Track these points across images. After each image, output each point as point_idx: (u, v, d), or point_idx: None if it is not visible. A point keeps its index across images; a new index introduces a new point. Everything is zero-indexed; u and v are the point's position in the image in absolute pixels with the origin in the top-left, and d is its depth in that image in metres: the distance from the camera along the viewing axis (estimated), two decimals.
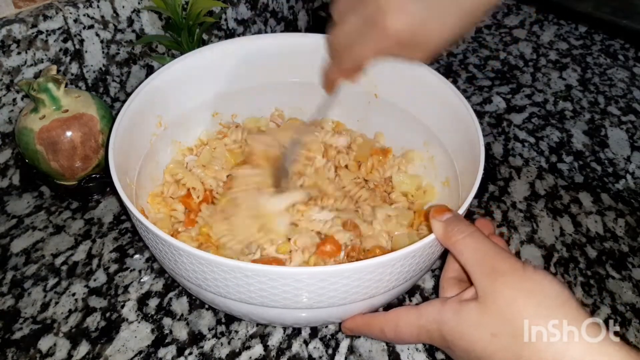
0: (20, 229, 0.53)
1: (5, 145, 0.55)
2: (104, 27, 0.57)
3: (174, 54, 0.63)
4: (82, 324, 0.45)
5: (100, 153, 0.52)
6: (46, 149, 0.50)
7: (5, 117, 0.54)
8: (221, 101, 0.56)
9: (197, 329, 0.45)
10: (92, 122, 0.51)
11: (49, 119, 0.50)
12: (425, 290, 0.48)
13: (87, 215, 0.54)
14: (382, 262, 0.34)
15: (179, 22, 0.58)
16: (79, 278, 0.48)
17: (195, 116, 0.54)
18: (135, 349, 0.43)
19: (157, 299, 0.47)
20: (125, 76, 0.62)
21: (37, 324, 0.45)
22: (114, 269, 0.49)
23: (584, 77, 0.75)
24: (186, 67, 0.51)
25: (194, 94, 0.53)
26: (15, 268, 0.49)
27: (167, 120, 0.51)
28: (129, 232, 0.53)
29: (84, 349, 0.43)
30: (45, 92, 0.49)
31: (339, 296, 0.36)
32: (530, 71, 0.76)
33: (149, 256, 0.50)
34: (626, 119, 0.69)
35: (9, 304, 0.46)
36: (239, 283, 0.35)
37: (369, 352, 0.43)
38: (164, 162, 0.52)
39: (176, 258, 0.36)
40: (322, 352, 0.43)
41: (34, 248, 0.51)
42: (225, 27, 0.68)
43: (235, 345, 0.44)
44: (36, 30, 0.52)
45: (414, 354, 0.43)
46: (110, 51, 0.59)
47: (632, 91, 0.73)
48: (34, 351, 0.43)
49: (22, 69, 0.53)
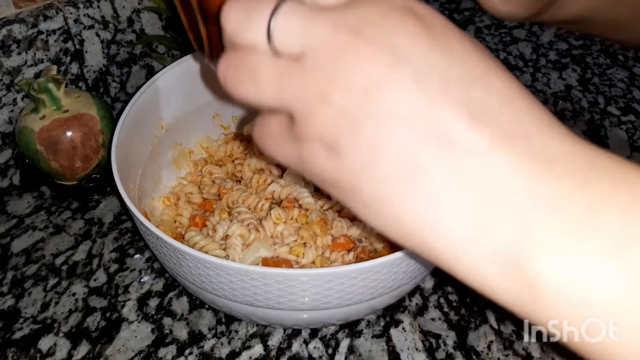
0: (20, 229, 0.53)
1: (6, 145, 0.55)
2: (104, 27, 0.57)
3: (174, 54, 0.63)
4: (83, 324, 0.45)
5: (100, 153, 0.52)
6: (46, 149, 0.50)
7: (6, 117, 0.54)
8: (222, 103, 0.56)
9: (197, 329, 0.45)
10: (93, 122, 0.51)
11: (49, 119, 0.50)
12: (425, 290, 0.48)
13: (88, 215, 0.54)
14: (388, 262, 0.34)
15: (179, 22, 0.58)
16: (79, 278, 0.48)
17: (195, 118, 0.54)
18: (136, 348, 0.43)
19: (157, 299, 0.47)
20: (125, 76, 0.62)
21: (38, 324, 0.45)
22: (114, 269, 0.49)
23: (583, 77, 0.75)
24: (187, 69, 0.51)
25: (194, 96, 0.53)
26: (16, 268, 0.49)
27: (168, 122, 0.51)
28: (129, 232, 0.53)
29: (84, 348, 0.43)
30: (46, 92, 0.49)
31: (344, 297, 0.36)
32: (530, 71, 0.76)
33: (149, 256, 0.50)
34: (626, 119, 0.69)
35: (9, 304, 0.46)
36: (245, 286, 0.35)
37: (368, 352, 0.43)
38: (165, 165, 0.52)
39: (181, 261, 0.36)
40: (322, 352, 0.43)
41: (34, 248, 0.51)
42: None
43: (235, 345, 0.44)
44: (36, 31, 0.52)
45: (413, 353, 0.43)
46: (110, 51, 0.59)
47: (632, 91, 0.73)
48: (34, 351, 0.43)
49: (23, 69, 0.53)
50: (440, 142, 0.19)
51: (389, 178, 0.21)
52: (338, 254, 0.45)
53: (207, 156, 0.55)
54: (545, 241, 0.19)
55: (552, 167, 0.19)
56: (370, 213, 0.22)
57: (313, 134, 0.22)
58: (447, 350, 0.43)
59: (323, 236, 0.45)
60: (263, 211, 0.48)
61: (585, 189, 0.18)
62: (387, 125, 0.20)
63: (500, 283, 0.20)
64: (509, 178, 0.19)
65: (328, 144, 0.21)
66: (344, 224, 0.46)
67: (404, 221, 0.21)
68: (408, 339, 0.44)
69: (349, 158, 0.21)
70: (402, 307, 0.46)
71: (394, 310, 0.46)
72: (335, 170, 0.22)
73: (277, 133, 0.24)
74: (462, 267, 0.21)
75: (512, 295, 0.20)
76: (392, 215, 0.21)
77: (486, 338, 0.44)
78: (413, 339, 0.44)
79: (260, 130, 0.25)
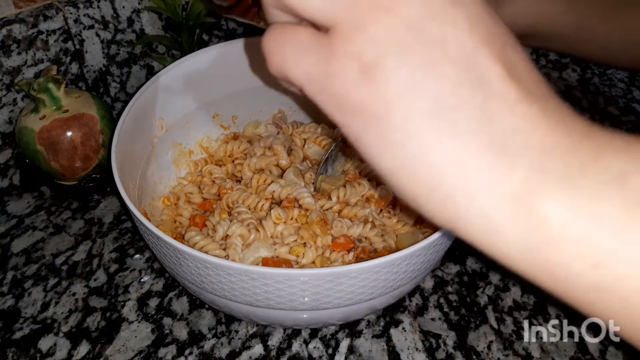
0: (20, 229, 0.53)
1: (6, 145, 0.55)
2: (104, 27, 0.57)
3: (174, 54, 0.63)
4: (83, 324, 0.45)
5: (100, 153, 0.52)
6: (46, 149, 0.50)
7: (6, 117, 0.54)
8: (222, 103, 0.56)
9: (197, 329, 0.45)
10: (93, 122, 0.51)
11: (49, 119, 0.50)
12: (425, 290, 0.48)
13: (87, 215, 0.54)
14: (388, 262, 0.34)
15: (179, 22, 0.58)
16: (79, 278, 0.48)
17: (196, 118, 0.54)
18: (136, 348, 0.43)
19: (157, 299, 0.47)
20: (125, 76, 0.62)
21: (38, 324, 0.45)
22: (114, 269, 0.49)
23: (583, 77, 0.75)
24: (187, 69, 0.51)
25: (194, 96, 0.53)
26: (16, 268, 0.49)
27: (168, 122, 0.51)
28: (129, 232, 0.53)
29: (84, 348, 0.43)
30: (46, 92, 0.49)
31: (344, 297, 0.36)
32: None
33: (149, 256, 0.50)
34: (626, 119, 0.69)
35: (9, 304, 0.46)
36: (245, 286, 0.35)
37: (368, 352, 0.43)
38: (165, 165, 0.52)
39: (181, 261, 0.36)
40: (322, 352, 0.43)
41: (34, 248, 0.51)
42: (225, 27, 0.68)
43: (235, 345, 0.44)
44: (36, 31, 0.52)
45: (413, 353, 0.43)
46: (110, 51, 0.59)
47: (632, 91, 0.73)
48: (34, 351, 0.43)
49: (23, 69, 0.53)
50: (477, 86, 0.21)
51: (421, 110, 0.21)
52: (338, 254, 0.45)
53: (207, 156, 0.55)
54: (554, 181, 0.20)
55: (560, 124, 0.21)
56: (387, 148, 0.22)
57: (353, 50, 0.21)
58: (447, 350, 0.43)
59: (323, 236, 0.45)
60: (263, 211, 0.48)
61: (587, 139, 0.21)
62: (435, 58, 0.20)
63: (510, 226, 0.21)
64: (529, 127, 0.21)
65: (366, 63, 0.21)
66: (344, 224, 0.46)
67: (424, 160, 0.21)
68: (408, 339, 0.44)
69: (385, 82, 0.21)
70: (402, 307, 0.46)
71: (394, 310, 0.46)
72: (364, 94, 0.21)
73: (305, 43, 0.22)
74: (474, 211, 0.21)
75: (522, 238, 0.21)
76: (413, 151, 0.21)
77: (486, 338, 0.44)
78: (413, 339, 0.44)
79: (281, 37, 0.23)
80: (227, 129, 0.57)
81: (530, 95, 0.21)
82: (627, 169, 0.20)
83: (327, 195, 0.49)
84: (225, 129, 0.57)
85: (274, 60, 0.23)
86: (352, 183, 0.49)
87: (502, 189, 0.21)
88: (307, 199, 0.47)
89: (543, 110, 0.21)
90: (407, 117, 0.21)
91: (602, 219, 0.19)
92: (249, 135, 0.57)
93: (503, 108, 0.21)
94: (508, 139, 0.21)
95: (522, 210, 0.20)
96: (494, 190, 0.21)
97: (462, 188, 0.21)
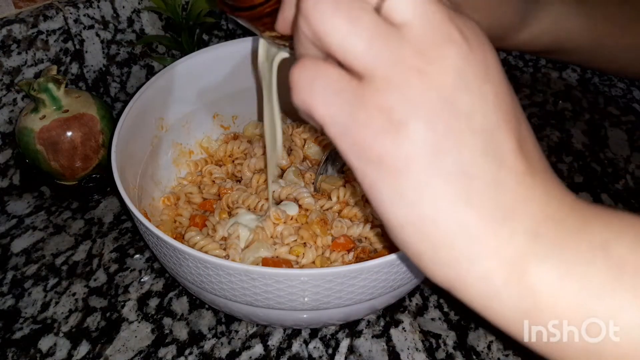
0: (20, 229, 0.53)
1: (6, 145, 0.55)
2: (104, 27, 0.57)
3: (174, 54, 0.63)
4: (83, 324, 0.45)
5: (100, 153, 0.53)
6: (46, 149, 0.50)
7: (6, 117, 0.54)
8: (222, 103, 0.56)
9: (197, 329, 0.45)
10: (93, 122, 0.51)
11: (49, 119, 0.50)
12: (425, 290, 0.48)
13: (87, 215, 0.54)
14: (388, 262, 0.34)
15: (179, 22, 0.58)
16: (79, 278, 0.48)
17: (196, 118, 0.54)
18: (136, 348, 0.43)
19: (157, 299, 0.47)
20: (125, 76, 0.62)
21: (38, 324, 0.45)
22: (114, 269, 0.49)
23: (583, 77, 0.74)
24: (187, 69, 0.51)
25: (194, 96, 0.53)
26: (16, 268, 0.49)
27: (168, 122, 0.51)
28: (129, 232, 0.53)
29: (84, 348, 0.43)
30: (46, 92, 0.50)
31: (344, 297, 0.36)
32: (530, 71, 0.76)
33: (149, 256, 0.50)
34: (626, 119, 0.69)
35: (9, 304, 0.46)
36: (245, 286, 0.35)
37: (368, 352, 0.43)
38: (165, 165, 0.52)
39: (181, 261, 0.36)
40: (322, 352, 0.43)
41: (34, 248, 0.51)
42: (225, 27, 0.68)
43: (235, 345, 0.44)
44: (36, 31, 0.52)
45: (413, 353, 0.43)
46: (110, 51, 0.59)
47: (632, 91, 0.73)
48: (34, 351, 0.43)
49: (23, 69, 0.53)
50: (493, 157, 0.22)
51: (440, 175, 0.21)
52: (338, 254, 0.45)
53: (207, 156, 0.55)
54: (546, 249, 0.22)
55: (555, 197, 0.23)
56: (399, 203, 0.22)
57: (385, 104, 0.21)
58: (447, 350, 0.43)
59: (323, 236, 0.45)
60: (263, 211, 0.48)
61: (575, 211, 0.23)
62: (461, 128, 0.22)
63: (506, 289, 0.22)
64: (530, 197, 0.23)
65: (395, 120, 0.21)
66: (344, 224, 0.46)
67: (435, 222, 0.22)
68: (408, 339, 0.44)
69: (410, 141, 0.21)
70: (402, 307, 0.46)
71: (394, 310, 0.46)
72: (388, 147, 0.21)
73: (336, 84, 0.22)
74: (476, 274, 0.22)
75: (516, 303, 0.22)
76: (425, 211, 0.22)
77: (486, 338, 0.44)
78: (413, 339, 0.44)
79: (312, 72, 0.23)
80: (227, 129, 0.57)
81: (533, 169, 0.23)
82: (609, 238, 0.22)
83: (327, 195, 0.49)
84: (225, 129, 0.57)
85: (301, 94, 0.23)
86: (352, 183, 0.49)
87: (504, 254, 0.22)
88: (307, 199, 0.47)
89: (544, 182, 0.23)
90: (425, 179, 0.22)
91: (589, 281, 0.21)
92: (249, 135, 0.57)
93: (512, 179, 0.22)
94: (512, 208, 0.22)
95: (517, 274, 0.22)
96: (497, 256, 0.22)
97: (467, 252, 0.22)
